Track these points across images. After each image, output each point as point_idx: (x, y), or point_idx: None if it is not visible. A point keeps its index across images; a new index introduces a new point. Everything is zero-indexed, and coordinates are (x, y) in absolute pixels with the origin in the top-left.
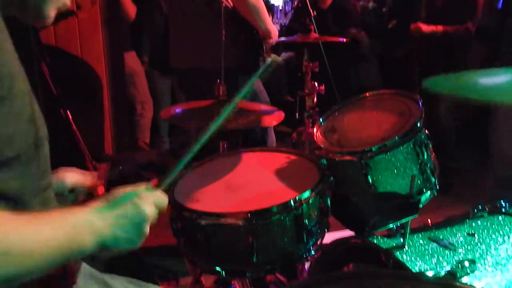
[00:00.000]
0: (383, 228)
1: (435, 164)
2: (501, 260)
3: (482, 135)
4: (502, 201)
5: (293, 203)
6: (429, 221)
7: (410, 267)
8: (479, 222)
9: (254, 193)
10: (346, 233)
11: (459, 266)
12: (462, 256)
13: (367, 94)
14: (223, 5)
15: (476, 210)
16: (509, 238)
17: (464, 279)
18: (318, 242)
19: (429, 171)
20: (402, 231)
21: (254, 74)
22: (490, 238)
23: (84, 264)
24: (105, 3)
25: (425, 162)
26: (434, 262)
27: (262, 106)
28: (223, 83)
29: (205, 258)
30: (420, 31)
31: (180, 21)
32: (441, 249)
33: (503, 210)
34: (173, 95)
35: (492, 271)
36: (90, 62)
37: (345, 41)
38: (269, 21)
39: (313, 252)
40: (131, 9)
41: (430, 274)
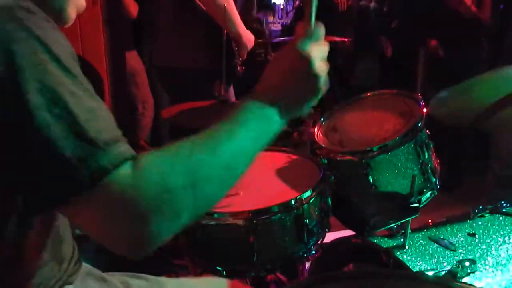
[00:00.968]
0: (384, 228)
1: (436, 164)
2: (501, 260)
3: (482, 135)
4: (503, 201)
5: (294, 203)
6: (429, 221)
7: (410, 267)
8: (480, 222)
9: (254, 192)
10: (347, 233)
11: (460, 266)
12: (462, 256)
13: (368, 93)
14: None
15: (476, 210)
16: (509, 239)
17: (464, 279)
18: (319, 242)
19: (430, 171)
20: (403, 231)
21: None
22: (491, 239)
23: (84, 264)
24: (106, 3)
25: (426, 162)
26: (434, 262)
27: None
28: (223, 83)
29: (205, 258)
30: (436, 51)
31: (161, 18)
32: (441, 249)
33: (504, 210)
34: (154, 91)
35: (492, 271)
36: (92, 61)
37: (346, 41)
38: (241, 24)
39: (313, 251)
40: (133, 7)
41: (430, 274)
